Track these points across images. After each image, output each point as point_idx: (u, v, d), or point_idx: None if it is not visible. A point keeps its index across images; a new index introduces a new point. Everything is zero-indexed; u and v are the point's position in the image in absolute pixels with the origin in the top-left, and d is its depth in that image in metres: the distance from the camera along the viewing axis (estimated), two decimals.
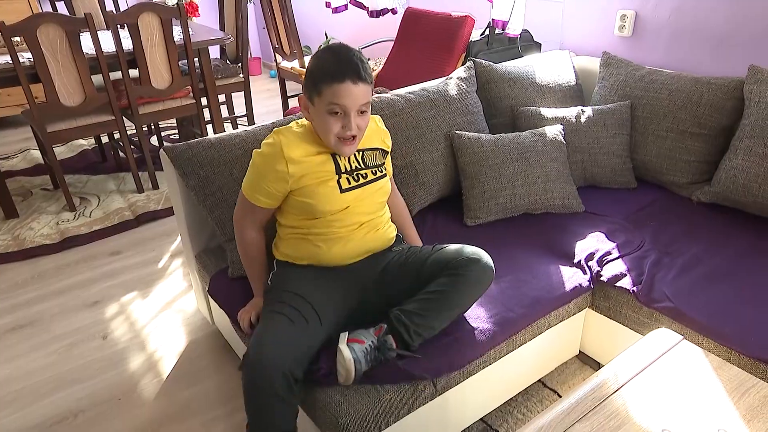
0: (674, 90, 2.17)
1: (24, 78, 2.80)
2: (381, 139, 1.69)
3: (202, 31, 3.70)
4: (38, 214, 3.20)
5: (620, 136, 2.22)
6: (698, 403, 1.14)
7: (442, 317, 1.47)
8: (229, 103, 4.39)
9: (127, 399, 1.97)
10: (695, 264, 1.75)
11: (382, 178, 1.64)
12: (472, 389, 1.65)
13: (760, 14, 2.15)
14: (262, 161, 1.51)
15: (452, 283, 1.46)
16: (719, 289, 1.64)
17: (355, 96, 1.41)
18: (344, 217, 1.55)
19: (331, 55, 1.43)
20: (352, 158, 1.58)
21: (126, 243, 2.95)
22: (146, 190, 3.45)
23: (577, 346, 2.00)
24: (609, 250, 1.85)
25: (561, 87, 2.44)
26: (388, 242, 1.68)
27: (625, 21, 2.60)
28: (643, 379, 1.19)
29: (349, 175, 1.56)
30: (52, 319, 2.39)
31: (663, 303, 1.63)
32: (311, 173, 1.51)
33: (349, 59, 1.41)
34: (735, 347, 1.50)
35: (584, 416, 1.10)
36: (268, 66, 6.24)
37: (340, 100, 1.40)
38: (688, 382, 1.19)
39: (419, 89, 2.21)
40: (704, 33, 2.35)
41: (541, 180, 2.04)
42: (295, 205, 1.55)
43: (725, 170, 2.00)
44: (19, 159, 3.96)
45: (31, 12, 4.25)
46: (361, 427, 1.36)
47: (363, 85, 1.42)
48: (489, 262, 1.51)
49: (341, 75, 1.39)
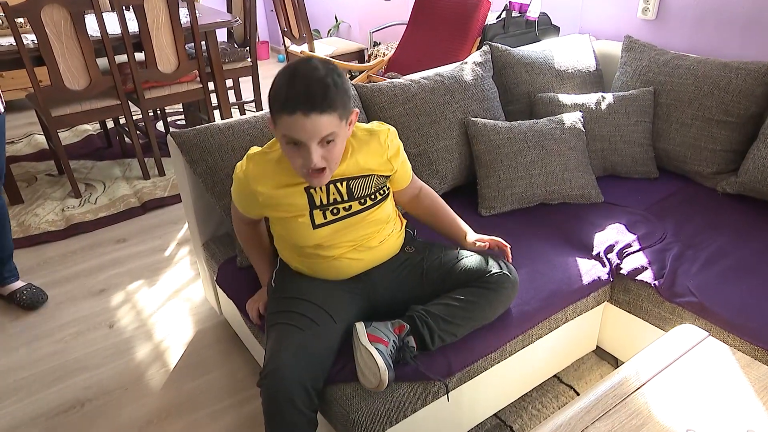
0: (700, 75, 2.13)
1: (28, 60, 2.80)
2: (383, 160, 1.49)
3: (209, 13, 3.69)
4: (43, 200, 3.22)
5: (642, 124, 2.19)
6: (725, 402, 1.12)
7: (467, 326, 1.47)
8: (236, 88, 4.38)
9: (134, 388, 1.98)
10: (720, 257, 1.73)
11: (375, 206, 1.49)
12: (486, 384, 1.64)
13: None
14: (237, 184, 1.49)
15: (484, 296, 1.46)
16: (746, 283, 1.62)
17: (310, 130, 1.23)
18: (327, 249, 1.48)
19: (286, 78, 1.26)
20: (333, 189, 1.43)
21: (132, 230, 2.96)
22: (152, 177, 3.46)
23: (595, 341, 1.99)
24: (629, 242, 1.83)
25: (580, 72, 2.41)
26: (394, 251, 1.60)
27: (648, 3, 2.55)
28: (667, 377, 1.18)
29: (325, 209, 1.44)
30: (58, 306, 2.40)
31: (686, 297, 1.61)
32: (281, 205, 1.44)
33: (306, 85, 1.23)
34: (763, 344, 1.48)
35: (605, 414, 1.09)
36: (276, 50, 6.22)
37: (293, 133, 1.25)
38: (714, 380, 1.17)
39: (433, 74, 2.19)
40: (732, 15, 2.30)
41: (558, 169, 2.02)
42: (274, 228, 1.55)
43: (753, 160, 1.97)
44: (23, 144, 3.97)
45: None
46: (372, 422, 1.35)
47: (318, 116, 1.22)
48: (517, 279, 1.52)
49: (291, 106, 1.21)
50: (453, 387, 1.51)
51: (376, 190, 1.49)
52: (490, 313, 1.50)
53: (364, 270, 1.55)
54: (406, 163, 1.59)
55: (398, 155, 1.52)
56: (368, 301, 1.55)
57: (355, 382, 1.39)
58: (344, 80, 1.29)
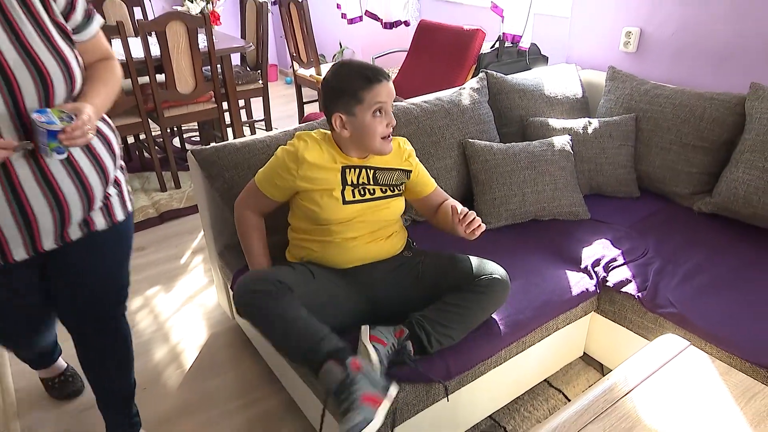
0: (678, 104, 2.16)
1: None
2: (403, 159, 1.65)
3: (225, 39, 3.71)
4: None
5: (625, 147, 2.21)
6: (706, 407, 1.13)
7: (462, 329, 1.47)
8: (247, 108, 4.39)
9: (152, 388, 1.97)
10: (698, 272, 1.74)
11: (394, 198, 1.62)
12: (482, 388, 1.64)
13: (761, 33, 2.14)
14: (282, 155, 1.55)
15: (476, 300, 1.47)
16: (721, 296, 1.63)
17: (390, 92, 1.48)
18: (345, 229, 1.55)
19: (353, 66, 1.49)
20: (363, 173, 1.58)
21: (150, 239, 2.95)
22: (169, 189, 3.45)
23: (582, 348, 1.99)
24: (614, 256, 1.84)
25: (568, 99, 2.43)
26: (395, 251, 1.66)
27: (630, 38, 2.58)
28: (653, 383, 1.19)
29: (354, 188, 1.56)
30: None
31: (667, 309, 1.62)
32: (319, 179, 1.52)
33: (370, 65, 1.50)
34: (738, 353, 1.49)
35: (596, 417, 1.10)
36: (284, 73, 6.25)
37: (382, 98, 1.46)
38: (696, 386, 1.18)
39: (434, 98, 2.21)
40: (706, 50, 2.33)
41: (549, 188, 2.03)
42: (301, 208, 1.56)
43: (726, 182, 1.99)
44: None
45: None
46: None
47: (389, 82, 1.49)
48: (508, 281, 1.53)
49: (376, 77, 1.46)
50: (452, 390, 1.51)
51: (396, 184, 1.63)
52: (484, 316, 1.52)
53: (369, 261, 1.60)
54: (425, 169, 1.72)
55: (413, 156, 1.69)
56: (367, 299, 1.56)
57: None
58: None
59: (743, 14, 2.18)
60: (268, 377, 1.98)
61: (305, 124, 1.99)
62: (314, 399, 1.57)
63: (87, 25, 1.22)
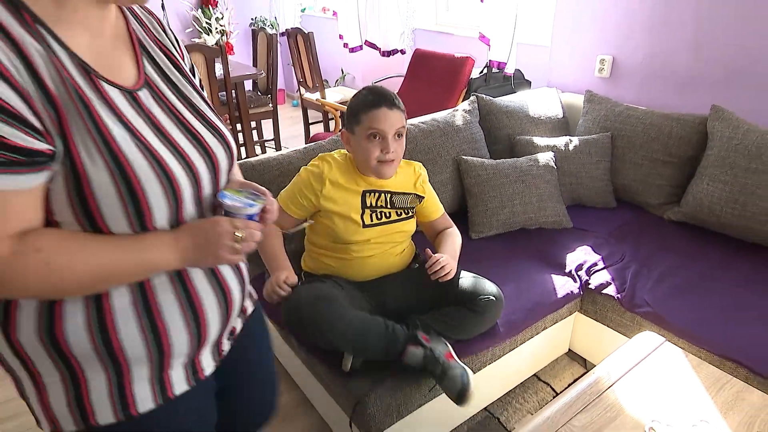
0: (648, 124, 2.18)
1: None
2: (417, 184, 1.61)
3: (238, 67, 3.74)
4: None
5: (603, 163, 2.23)
6: (681, 397, 1.14)
7: (455, 338, 1.48)
8: (258, 129, 4.41)
9: None
10: (670, 275, 1.76)
11: (407, 220, 1.59)
12: (479, 382, 1.61)
13: (719, 60, 2.18)
14: (306, 175, 1.52)
15: (473, 318, 1.48)
16: (691, 297, 1.65)
17: (391, 120, 1.40)
18: (362, 248, 1.53)
19: (367, 90, 1.47)
20: (381, 197, 1.54)
21: None
22: None
23: (567, 345, 2.00)
24: (595, 261, 1.85)
25: (550, 119, 2.46)
26: (404, 264, 1.65)
27: (603, 64, 2.62)
28: (633, 376, 1.19)
29: (372, 212, 1.52)
30: None
31: (644, 308, 1.64)
32: (341, 200, 1.50)
33: (383, 91, 1.45)
34: (707, 348, 1.50)
35: (584, 408, 1.10)
36: (290, 96, 6.27)
37: (378, 124, 1.40)
38: (672, 378, 1.19)
39: (430, 119, 2.23)
40: (671, 76, 2.37)
41: (536, 199, 2.05)
42: (322, 225, 1.54)
43: (692, 194, 2.01)
44: None
45: None
46: (386, 415, 1.36)
47: (397, 111, 1.42)
48: (503, 300, 1.52)
49: (378, 103, 1.40)
50: None
51: (410, 207, 1.60)
52: (477, 331, 1.52)
53: (383, 274, 1.59)
54: (435, 195, 1.68)
55: (426, 182, 1.64)
56: (378, 307, 1.55)
57: (371, 383, 1.38)
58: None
59: (703, 44, 2.22)
60: (283, 376, 1.97)
61: (314, 144, 2.01)
62: (326, 396, 1.58)
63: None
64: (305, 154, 1.90)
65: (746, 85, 2.13)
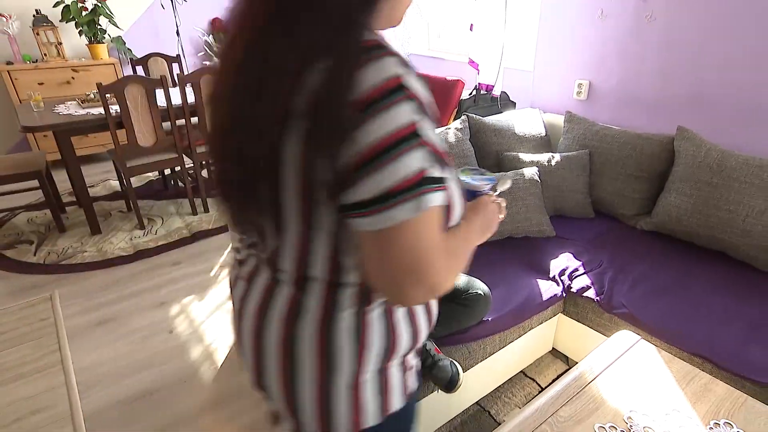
0: (622, 142, 2.23)
1: (113, 125, 2.83)
2: None
3: None
4: (116, 231, 3.20)
5: (582, 177, 2.27)
6: (655, 389, 1.16)
7: (444, 330, 1.51)
8: None
9: (191, 381, 1.97)
10: (643, 279, 1.78)
11: None
12: (470, 379, 1.66)
13: (684, 85, 2.23)
14: None
15: (461, 311, 1.49)
16: (663, 299, 1.68)
17: None
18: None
19: None
20: None
21: (185, 255, 2.95)
22: (200, 213, 3.46)
23: (551, 344, 2.02)
24: (576, 267, 1.88)
25: (534, 137, 2.50)
26: None
27: (581, 88, 2.67)
28: (612, 371, 1.21)
29: None
30: (129, 316, 2.39)
31: (620, 310, 1.67)
32: None
33: None
34: (678, 345, 1.53)
35: (569, 401, 1.12)
36: None
37: None
38: (647, 373, 1.21)
39: None
40: (642, 99, 2.42)
41: (522, 210, 2.08)
42: None
43: (662, 206, 2.05)
44: (100, 187, 3.95)
45: (116, 74, 4.28)
46: None
47: None
48: (490, 297, 1.54)
49: None
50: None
51: None
52: (465, 324, 1.53)
53: None
54: None
55: None
56: None
57: None
58: None
59: (668, 72, 2.27)
60: None
61: None
62: None
63: None
64: None
65: (705, 110, 2.19)
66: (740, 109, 2.10)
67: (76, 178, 3.00)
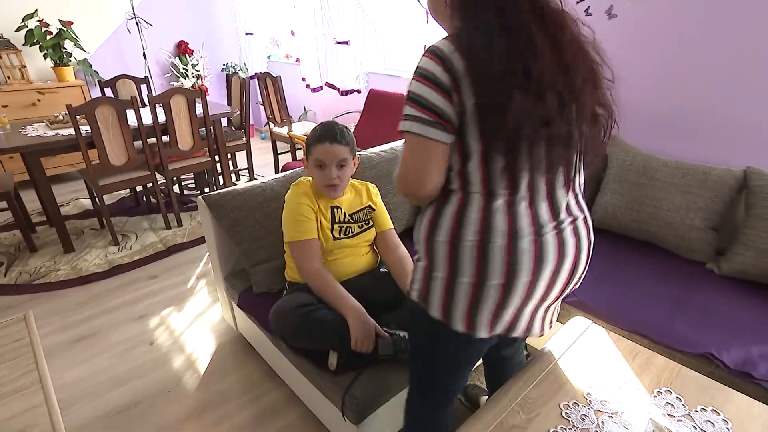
0: None
1: (84, 145, 2.69)
2: (370, 197, 1.68)
3: (215, 106, 3.67)
4: (90, 249, 3.04)
5: None
6: (608, 365, 1.20)
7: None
8: (233, 160, 4.30)
9: (175, 390, 1.89)
10: (588, 270, 1.82)
11: (368, 230, 1.64)
12: None
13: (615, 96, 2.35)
14: (293, 200, 1.54)
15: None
16: (605, 287, 1.75)
17: (334, 152, 1.45)
18: (334, 255, 1.58)
19: (320, 126, 1.50)
20: (347, 215, 1.59)
21: (161, 269, 2.84)
22: (173, 228, 3.33)
23: None
24: None
25: None
26: (373, 264, 1.68)
27: None
28: (571, 353, 1.24)
29: (340, 226, 1.57)
30: (108, 331, 2.26)
31: (572, 298, 1.72)
32: (321, 213, 1.55)
33: (332, 128, 1.48)
34: (621, 326, 1.60)
35: (538, 381, 1.14)
36: (258, 130, 6.19)
37: (320, 156, 1.46)
38: (599, 352, 1.25)
39: (388, 148, 2.26)
40: None
41: None
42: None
43: (600, 204, 2.14)
44: (71, 206, 3.73)
45: (83, 96, 4.07)
46: (371, 402, 1.37)
47: (338, 145, 1.46)
48: None
49: (323, 138, 1.46)
50: None
51: (368, 218, 1.64)
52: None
53: (354, 275, 1.61)
54: (385, 210, 1.71)
55: (377, 196, 1.70)
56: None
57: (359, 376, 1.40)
58: (351, 133, 1.49)
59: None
60: (271, 375, 1.94)
61: (290, 171, 2.00)
62: (313, 390, 1.55)
63: None
64: (284, 181, 1.90)
65: (630, 118, 2.30)
66: (658, 116, 2.23)
67: (47, 198, 2.83)
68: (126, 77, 3.78)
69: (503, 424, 1.03)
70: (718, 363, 1.42)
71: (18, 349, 2.20)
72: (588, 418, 1.04)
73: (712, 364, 1.43)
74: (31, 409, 1.78)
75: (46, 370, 1.99)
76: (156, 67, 4.96)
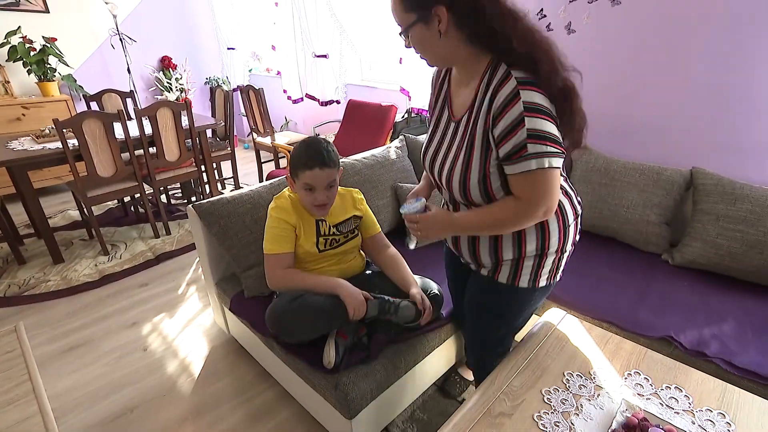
0: None
1: (71, 158, 2.58)
2: (356, 207, 1.61)
3: (200, 118, 3.59)
4: (80, 259, 2.91)
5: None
6: (583, 352, 1.22)
7: (405, 326, 1.51)
8: (218, 169, 4.23)
9: (170, 395, 1.83)
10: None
11: (354, 238, 1.59)
12: (428, 363, 1.66)
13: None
14: (275, 215, 1.48)
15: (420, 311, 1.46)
16: (575, 280, 1.76)
17: (322, 178, 1.39)
18: (321, 265, 1.54)
19: (305, 148, 1.40)
20: (332, 228, 1.53)
21: (151, 276, 2.75)
22: (162, 236, 3.23)
23: None
24: None
25: None
26: (359, 268, 1.64)
27: None
28: (550, 340, 1.26)
29: (325, 239, 1.51)
30: (100, 339, 2.17)
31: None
32: (303, 228, 1.49)
33: (317, 149, 1.38)
34: (592, 315, 1.63)
35: (520, 370, 1.15)
36: (241, 141, 6.09)
37: (309, 181, 1.39)
38: (575, 340, 1.27)
39: (369, 155, 2.25)
40: None
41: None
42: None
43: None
44: (59, 218, 3.57)
45: (69, 110, 3.90)
46: (362, 398, 1.35)
47: (327, 169, 1.39)
48: (443, 295, 1.57)
49: (311, 164, 1.37)
50: (408, 368, 1.52)
51: (354, 228, 1.59)
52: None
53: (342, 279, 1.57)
54: (372, 215, 1.66)
55: (363, 203, 1.64)
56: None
57: (351, 373, 1.38)
58: (335, 148, 1.44)
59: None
60: (263, 375, 1.90)
61: (276, 179, 1.96)
62: (306, 388, 1.53)
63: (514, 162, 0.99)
64: (271, 189, 1.86)
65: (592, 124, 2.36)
66: (616, 123, 2.29)
67: (35, 210, 2.70)
68: (112, 91, 3.66)
69: (491, 412, 1.03)
70: (677, 344, 1.47)
71: (10, 361, 2.08)
72: (568, 402, 1.06)
73: (671, 345, 1.48)
74: (25, 419, 1.69)
75: (39, 380, 1.89)
76: (141, 81, 4.83)
